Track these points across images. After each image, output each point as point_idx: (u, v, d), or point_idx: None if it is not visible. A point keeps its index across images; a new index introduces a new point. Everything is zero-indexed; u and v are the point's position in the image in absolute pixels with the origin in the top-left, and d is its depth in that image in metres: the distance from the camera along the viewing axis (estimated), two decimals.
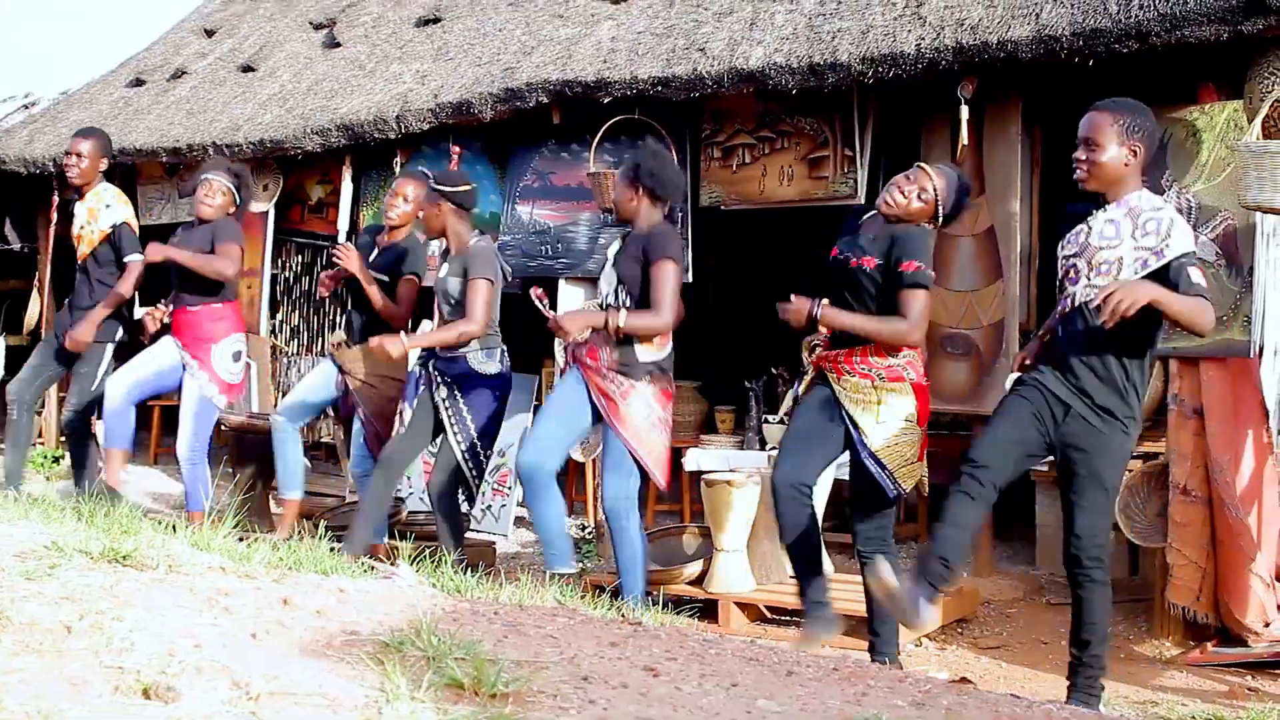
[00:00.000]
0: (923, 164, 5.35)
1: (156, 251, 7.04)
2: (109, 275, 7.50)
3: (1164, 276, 4.47)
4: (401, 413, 6.40)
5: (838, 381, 5.21)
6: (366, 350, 6.66)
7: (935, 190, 5.20)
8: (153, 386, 7.27)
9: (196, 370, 7.08)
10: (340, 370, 6.90)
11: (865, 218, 5.42)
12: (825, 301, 5.19)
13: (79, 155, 7.59)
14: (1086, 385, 4.63)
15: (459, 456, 6.21)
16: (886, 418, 5.13)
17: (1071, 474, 4.70)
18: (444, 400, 6.23)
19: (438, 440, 6.41)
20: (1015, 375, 5.01)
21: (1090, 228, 4.71)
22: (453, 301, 6.25)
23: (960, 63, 6.74)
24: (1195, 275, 4.47)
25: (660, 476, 5.93)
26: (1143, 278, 4.48)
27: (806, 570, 5.29)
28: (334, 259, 6.77)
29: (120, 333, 7.55)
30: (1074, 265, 4.74)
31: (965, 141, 7.02)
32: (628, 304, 5.74)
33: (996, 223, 7.19)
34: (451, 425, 6.21)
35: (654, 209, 5.88)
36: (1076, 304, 4.69)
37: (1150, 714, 5.03)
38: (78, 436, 7.56)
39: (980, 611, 6.83)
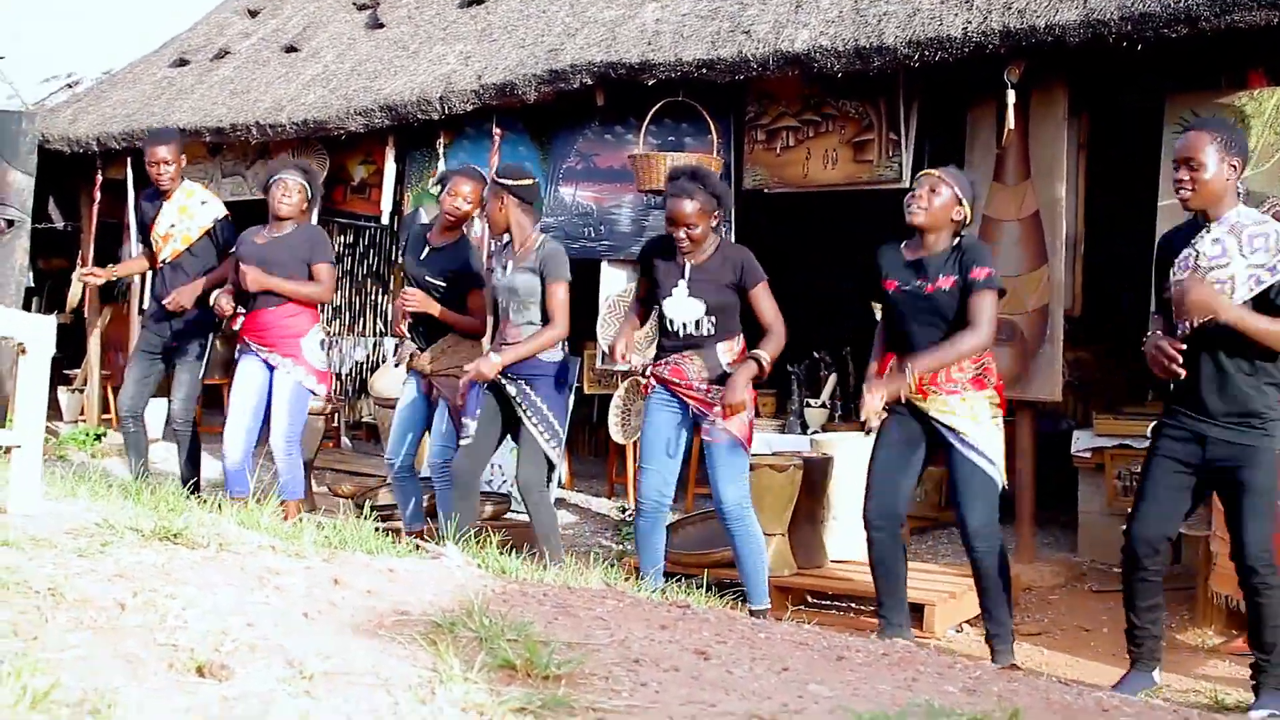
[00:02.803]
0: (927, 170, 5.44)
1: (256, 281, 6.87)
2: (205, 268, 7.47)
3: (1269, 295, 4.58)
4: (465, 425, 6.35)
5: (925, 402, 5.29)
6: (442, 349, 6.75)
7: (954, 188, 5.26)
8: (259, 410, 7.10)
9: (291, 366, 6.97)
10: (423, 377, 6.90)
11: (902, 245, 5.45)
12: (910, 366, 5.21)
13: (165, 162, 7.49)
14: (1219, 407, 4.70)
15: (545, 448, 6.18)
16: (982, 418, 5.25)
17: (1226, 490, 4.79)
18: (516, 397, 6.17)
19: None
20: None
21: (1198, 251, 4.70)
22: (520, 299, 6.20)
23: (1007, 47, 6.70)
24: None
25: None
26: (1258, 295, 4.56)
27: (890, 596, 5.47)
28: (403, 308, 6.73)
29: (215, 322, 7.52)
30: None
31: (1011, 126, 6.99)
32: (711, 331, 5.73)
33: (1042, 208, 7.14)
34: (531, 420, 6.16)
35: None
36: (1196, 326, 4.70)
37: (1193, 702, 5.00)
38: (192, 427, 7.52)
39: (1021, 598, 6.80)
